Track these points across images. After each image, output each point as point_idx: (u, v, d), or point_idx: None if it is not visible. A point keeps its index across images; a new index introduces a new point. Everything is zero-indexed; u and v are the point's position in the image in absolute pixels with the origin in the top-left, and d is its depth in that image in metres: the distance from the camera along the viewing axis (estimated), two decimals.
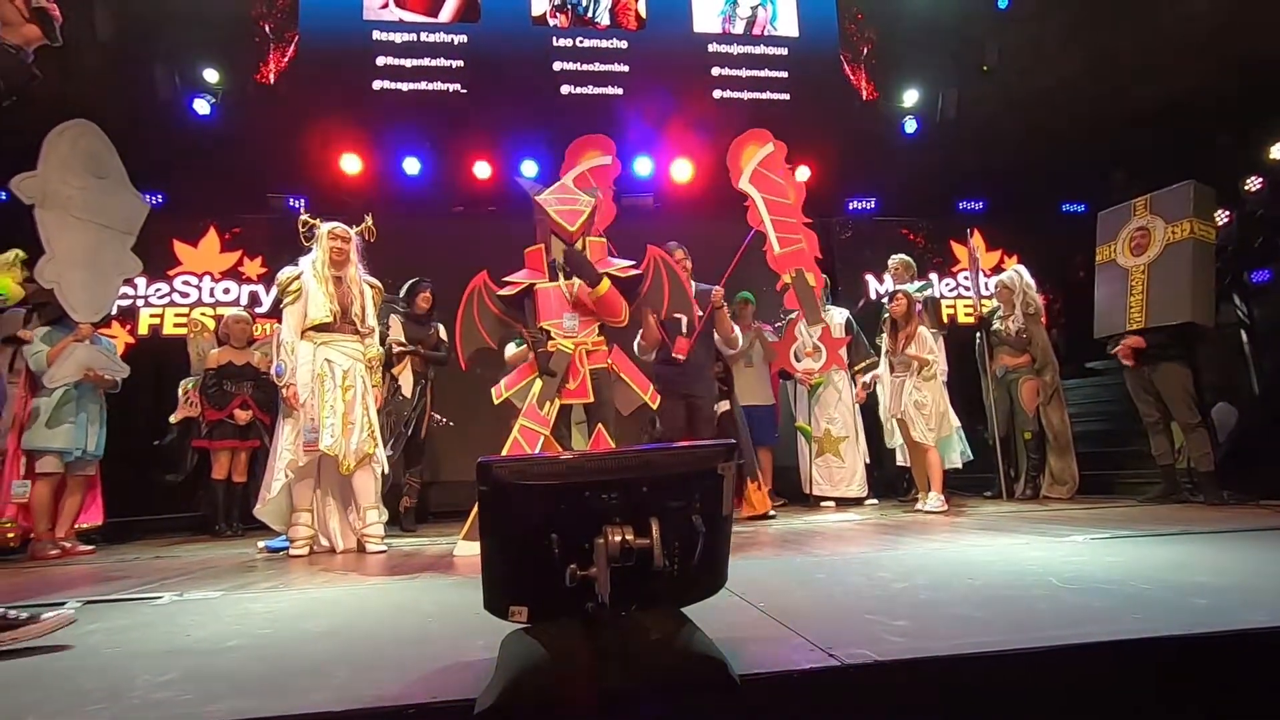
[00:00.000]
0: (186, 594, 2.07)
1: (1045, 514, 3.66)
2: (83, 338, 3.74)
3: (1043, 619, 1.31)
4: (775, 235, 4.20)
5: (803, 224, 4.37)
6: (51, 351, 3.70)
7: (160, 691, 1.07)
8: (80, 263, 3.58)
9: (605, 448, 3.18)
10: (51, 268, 3.47)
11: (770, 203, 4.21)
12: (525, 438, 3.16)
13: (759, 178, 4.30)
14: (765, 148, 4.38)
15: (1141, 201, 4.48)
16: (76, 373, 3.72)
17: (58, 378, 3.65)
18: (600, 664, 0.98)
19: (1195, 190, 4.23)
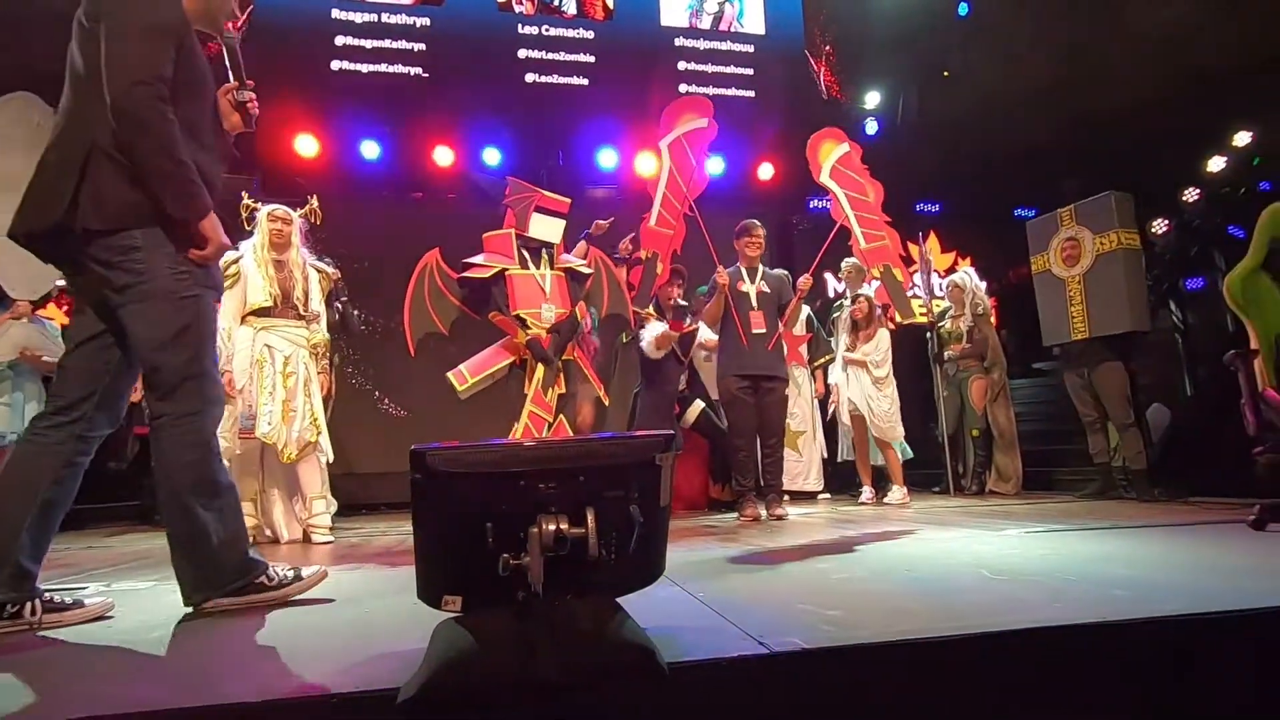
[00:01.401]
0: (114, 584, 2.00)
1: (987, 509, 3.78)
2: (19, 316, 3.58)
3: (970, 609, 1.35)
4: (860, 230, 4.22)
5: (885, 222, 4.38)
6: None
7: (73, 685, 1.03)
8: None
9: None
10: None
11: (853, 200, 4.24)
12: (534, 423, 3.17)
13: (838, 174, 4.30)
14: (842, 146, 4.39)
15: (1066, 212, 4.70)
16: (11, 352, 3.56)
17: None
18: (527, 653, 0.98)
19: (1116, 200, 4.46)
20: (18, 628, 1.42)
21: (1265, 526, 2.45)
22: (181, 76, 1.53)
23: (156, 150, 1.46)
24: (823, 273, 6.99)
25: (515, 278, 3.36)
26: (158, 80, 1.46)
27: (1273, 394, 2.40)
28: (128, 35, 1.47)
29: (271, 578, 1.66)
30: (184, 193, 1.49)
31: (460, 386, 3.31)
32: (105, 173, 1.47)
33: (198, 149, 1.56)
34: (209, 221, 1.54)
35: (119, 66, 1.44)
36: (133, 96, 1.44)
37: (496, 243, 3.49)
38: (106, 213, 1.47)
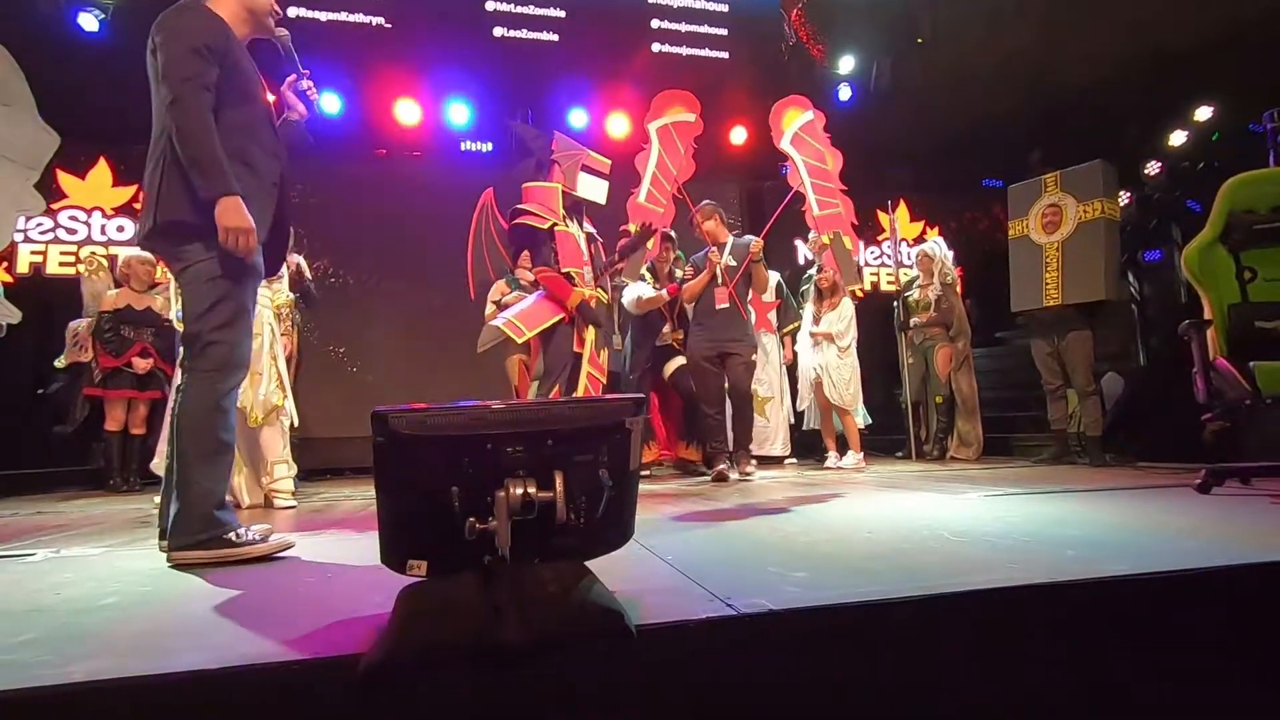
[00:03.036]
0: (63, 550, 1.94)
1: (948, 474, 3.88)
2: None
3: (930, 570, 1.38)
4: (815, 197, 4.30)
5: (840, 190, 4.46)
6: None
7: (14, 653, 0.99)
8: None
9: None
10: None
11: (811, 167, 4.35)
12: (592, 384, 3.19)
13: (799, 141, 4.40)
14: (805, 114, 4.48)
15: (1052, 178, 4.69)
16: None
17: None
18: (493, 616, 0.97)
19: (1104, 169, 4.47)
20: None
21: (1210, 490, 2.56)
22: (228, 86, 1.81)
23: (196, 141, 1.72)
24: (793, 239, 7.01)
25: (562, 234, 3.32)
26: (197, 90, 1.74)
27: (1223, 363, 2.48)
28: (175, 53, 1.76)
29: (239, 536, 1.74)
30: (212, 180, 1.72)
31: (518, 338, 3.26)
32: (170, 176, 1.76)
33: (250, 146, 1.85)
34: (224, 205, 1.72)
35: (169, 76, 1.74)
36: (178, 98, 1.72)
37: (541, 195, 3.41)
38: (167, 210, 1.76)
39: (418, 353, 5.92)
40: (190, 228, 1.76)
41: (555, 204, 3.43)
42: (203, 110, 1.74)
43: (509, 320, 3.29)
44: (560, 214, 3.42)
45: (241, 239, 1.74)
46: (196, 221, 1.75)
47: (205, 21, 1.83)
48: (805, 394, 4.95)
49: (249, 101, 1.88)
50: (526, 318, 3.32)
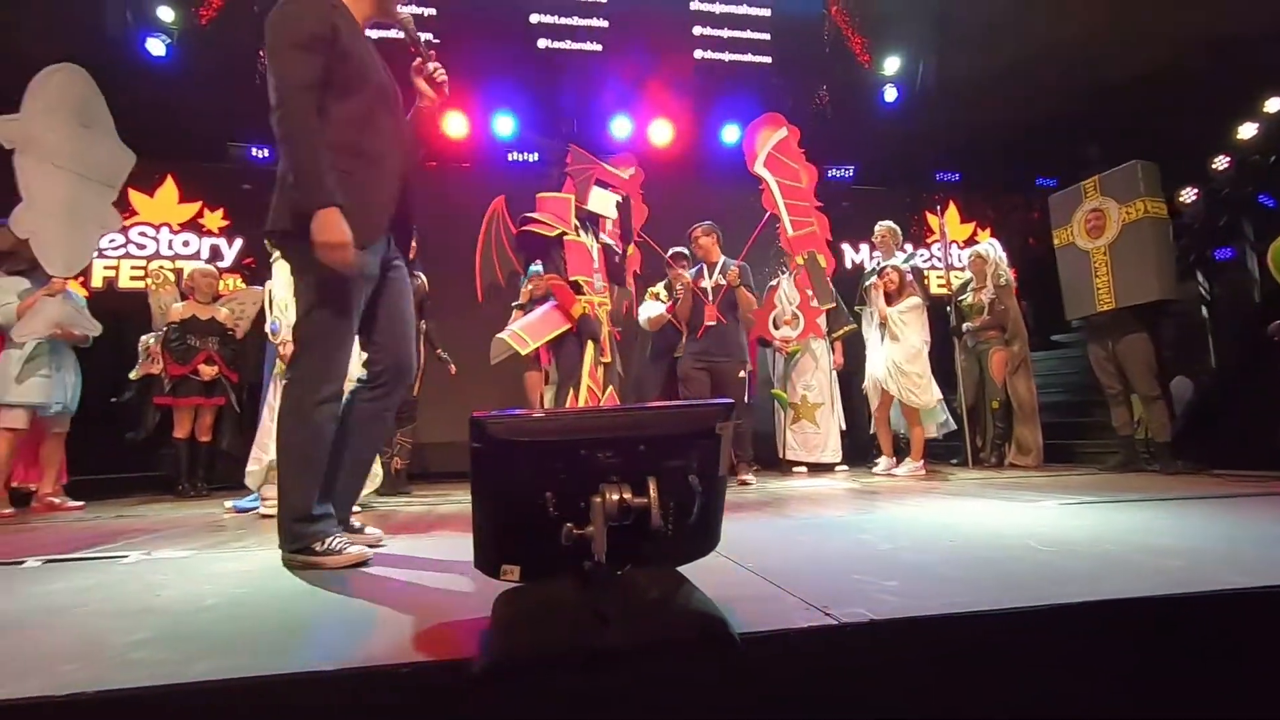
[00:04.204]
0: (154, 553, 2.01)
1: (1012, 481, 3.76)
2: (55, 292, 3.57)
3: (1026, 580, 1.34)
4: (789, 219, 4.36)
5: (814, 208, 4.51)
6: (21, 305, 3.52)
7: (136, 651, 1.02)
8: (58, 214, 3.43)
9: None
10: (29, 217, 3.30)
11: (784, 186, 4.40)
12: (591, 397, 3.25)
13: (773, 162, 4.46)
14: (779, 132, 4.55)
15: (1091, 183, 4.62)
16: (47, 328, 3.55)
17: (26, 332, 3.49)
18: (599, 622, 0.97)
19: (1143, 169, 4.38)
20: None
21: None
22: (336, 77, 1.73)
23: (294, 151, 1.68)
24: (839, 244, 6.92)
25: (571, 243, 3.36)
26: (301, 90, 1.67)
27: None
28: (277, 54, 1.69)
29: (322, 545, 1.71)
30: (310, 192, 1.66)
31: (523, 350, 3.32)
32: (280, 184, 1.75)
33: (365, 137, 1.77)
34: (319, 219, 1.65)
35: (273, 83, 1.68)
36: (278, 102, 1.66)
37: (553, 205, 3.47)
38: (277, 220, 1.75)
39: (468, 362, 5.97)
40: (295, 236, 1.71)
41: (567, 214, 3.47)
42: (304, 114, 1.66)
43: (514, 332, 3.36)
44: (572, 224, 3.45)
45: (335, 254, 1.66)
46: (295, 230, 1.70)
47: (308, 8, 1.72)
48: (873, 396, 4.84)
49: (362, 89, 1.78)
50: (531, 329, 3.38)
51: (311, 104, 1.68)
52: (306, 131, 1.66)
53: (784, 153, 4.44)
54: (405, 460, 4.62)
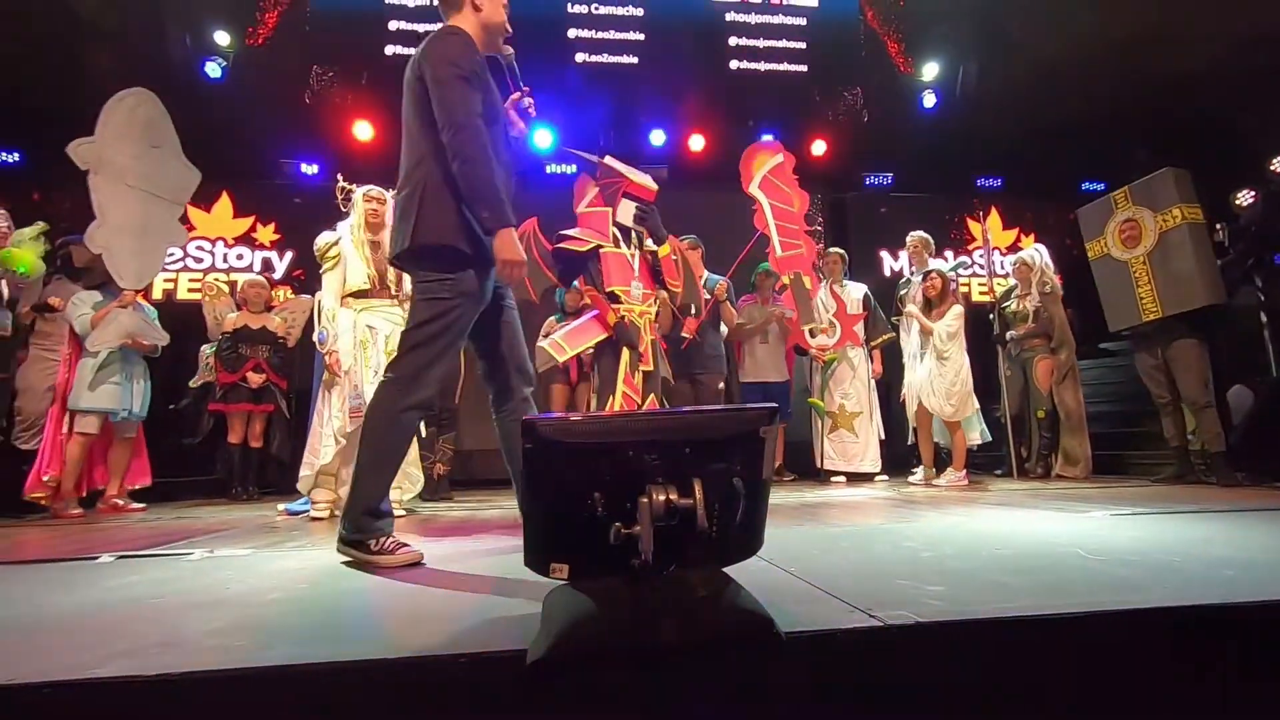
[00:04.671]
0: (216, 551, 2.11)
1: (1060, 491, 3.68)
2: (126, 304, 3.77)
3: (1076, 586, 1.32)
4: (779, 240, 4.47)
5: (804, 231, 4.65)
6: (95, 315, 3.72)
7: (213, 639, 1.09)
8: (130, 230, 3.62)
9: None
10: (102, 234, 3.50)
11: (776, 209, 4.54)
12: (626, 403, 3.31)
13: (768, 184, 4.60)
14: (775, 158, 4.71)
15: (1121, 194, 4.57)
16: (118, 338, 3.75)
17: (99, 342, 3.69)
18: (648, 618, 1.00)
19: (1175, 176, 4.32)
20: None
21: None
22: (483, 108, 1.84)
23: (475, 174, 1.76)
24: (878, 251, 6.86)
25: (608, 255, 3.44)
26: (476, 117, 1.78)
27: None
28: (448, 83, 1.79)
29: (376, 544, 1.78)
30: (496, 211, 1.77)
31: (560, 356, 3.39)
32: (431, 201, 1.82)
33: (497, 164, 1.84)
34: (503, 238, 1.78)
35: (445, 104, 1.77)
36: (460, 127, 1.76)
37: (592, 219, 3.56)
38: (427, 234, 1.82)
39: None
40: (445, 251, 1.81)
41: (605, 226, 3.54)
42: (482, 140, 1.77)
43: (554, 340, 3.44)
44: (610, 235, 3.51)
45: (516, 271, 1.79)
46: (452, 246, 1.80)
47: (468, 46, 1.85)
48: (913, 406, 4.77)
49: (495, 121, 1.92)
50: (570, 337, 3.46)
51: (484, 131, 1.79)
52: (486, 155, 1.77)
53: (779, 177, 4.56)
54: (447, 466, 4.70)
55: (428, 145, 1.83)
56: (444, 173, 1.80)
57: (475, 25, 1.94)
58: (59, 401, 3.80)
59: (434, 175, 1.82)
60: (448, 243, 1.81)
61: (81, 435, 3.74)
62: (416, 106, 1.85)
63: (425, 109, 1.82)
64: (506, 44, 2.07)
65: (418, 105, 1.85)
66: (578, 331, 3.48)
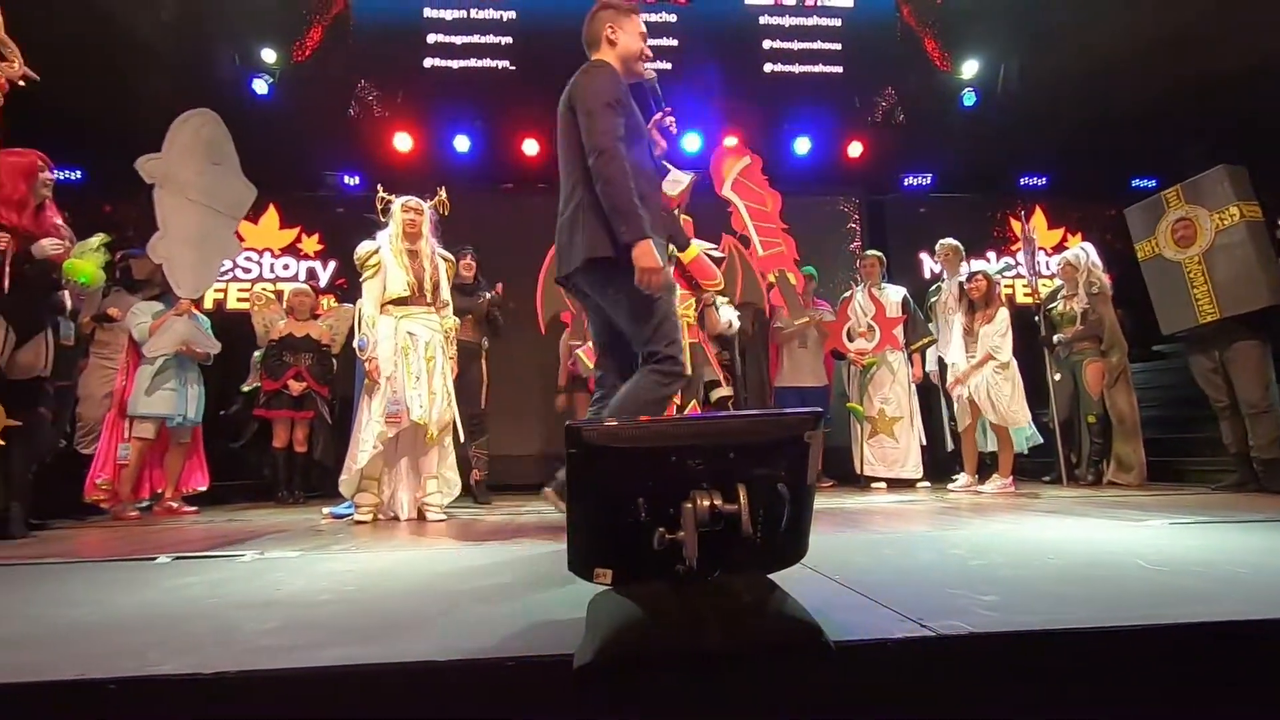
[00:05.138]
0: (267, 553, 2.16)
1: (1113, 499, 3.55)
2: (183, 312, 3.92)
3: (1139, 598, 1.27)
4: (759, 239, 4.55)
5: (781, 230, 4.64)
6: (153, 324, 3.88)
7: (267, 638, 1.12)
8: (189, 242, 3.80)
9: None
10: (163, 245, 3.66)
11: (752, 209, 4.61)
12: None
13: (740, 186, 4.69)
14: (744, 160, 4.76)
15: (1173, 193, 4.40)
16: (174, 345, 3.90)
17: (156, 348, 3.84)
18: (694, 625, 0.99)
19: (1230, 174, 4.15)
20: None
21: None
22: (626, 132, 2.03)
23: (617, 193, 1.96)
24: (917, 253, 6.74)
25: None
26: (617, 143, 1.98)
27: None
28: (595, 112, 2.00)
29: None
30: (633, 226, 1.95)
31: (590, 362, 3.43)
32: (591, 220, 2.01)
33: (641, 181, 2.03)
34: (641, 249, 1.95)
35: (593, 132, 1.98)
36: (603, 150, 1.96)
37: None
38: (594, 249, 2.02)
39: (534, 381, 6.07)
40: (617, 262, 1.99)
41: None
42: (624, 162, 1.96)
43: (588, 347, 3.46)
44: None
45: (655, 279, 1.94)
46: (618, 256, 1.98)
47: (612, 77, 2.07)
48: (962, 414, 4.63)
49: (639, 143, 2.10)
50: None
51: (625, 154, 1.99)
52: (625, 177, 1.96)
53: (749, 178, 4.59)
54: (484, 472, 4.75)
55: (580, 172, 2.04)
56: (594, 194, 2.01)
57: (615, 57, 2.16)
58: (116, 408, 3.96)
59: (588, 198, 2.02)
60: (609, 254, 2.00)
61: (139, 440, 3.88)
62: (568, 136, 2.07)
63: (577, 138, 2.04)
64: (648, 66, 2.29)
65: (570, 135, 2.07)
66: None
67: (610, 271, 2.01)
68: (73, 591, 1.63)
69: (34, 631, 1.23)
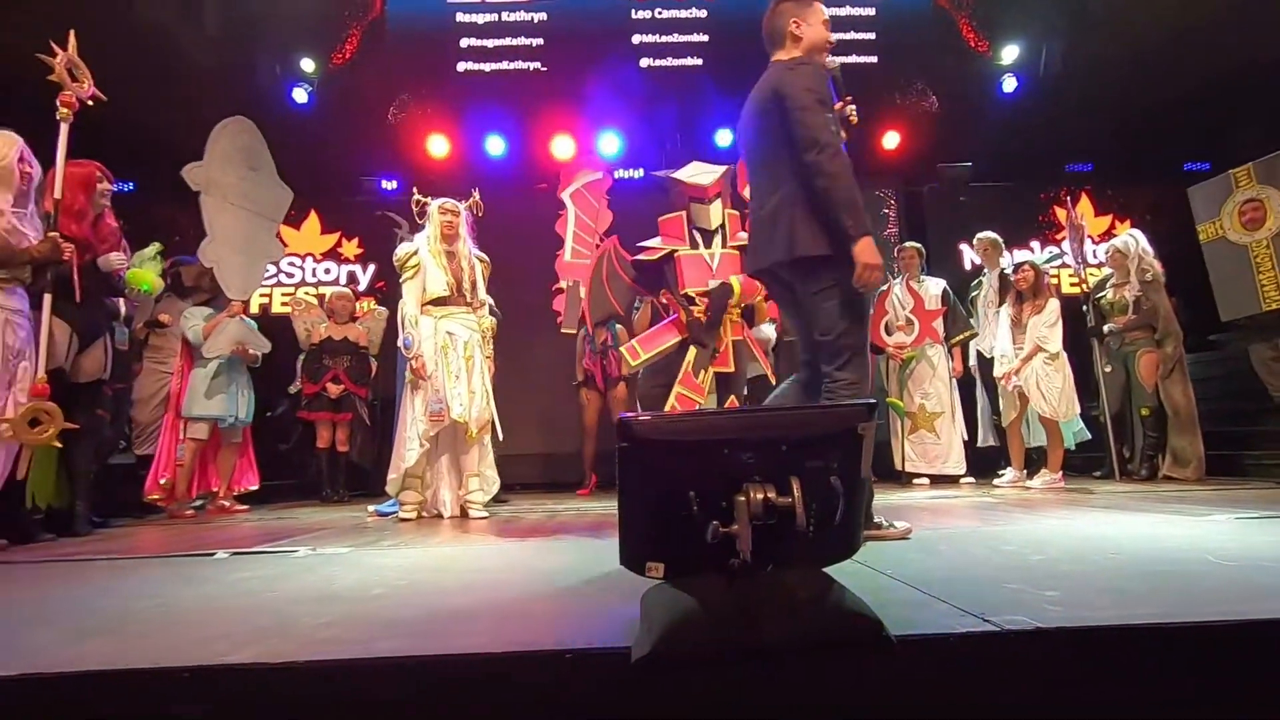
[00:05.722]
0: (318, 549, 2.21)
1: (1171, 494, 3.42)
2: (234, 314, 4.04)
3: (1210, 594, 1.22)
4: (571, 245, 4.48)
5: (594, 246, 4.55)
6: (207, 326, 4.01)
7: (326, 630, 1.14)
8: (235, 245, 3.91)
9: None
10: (212, 249, 3.79)
11: (579, 220, 4.54)
12: (682, 404, 3.28)
13: (579, 196, 4.70)
14: (595, 175, 4.79)
15: (1243, 172, 4.20)
16: (228, 346, 4.02)
17: (213, 349, 3.97)
18: (750, 618, 0.98)
19: None
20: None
21: None
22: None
23: (842, 189, 1.95)
24: (958, 244, 6.58)
25: (684, 258, 3.49)
26: (837, 138, 1.99)
27: None
28: (810, 109, 1.98)
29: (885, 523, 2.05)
30: (859, 221, 1.96)
31: (633, 361, 3.44)
32: (802, 217, 2.01)
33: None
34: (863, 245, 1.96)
35: (809, 127, 1.96)
36: (825, 145, 1.95)
37: (670, 225, 3.66)
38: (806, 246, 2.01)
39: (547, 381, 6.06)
40: (828, 260, 2.00)
41: (681, 231, 3.56)
42: (845, 157, 1.97)
43: (630, 345, 3.46)
44: (687, 239, 3.51)
45: (875, 276, 1.95)
46: (832, 254, 1.99)
47: (818, 74, 2.07)
48: (1009, 408, 4.50)
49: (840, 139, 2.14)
50: (645, 341, 3.50)
51: (843, 149, 2.00)
52: (848, 171, 1.97)
53: (591, 192, 4.63)
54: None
55: (786, 168, 2.03)
56: (806, 190, 1.99)
57: (802, 49, 2.12)
58: (172, 410, 4.09)
59: (798, 194, 2.00)
60: (825, 252, 2.00)
61: (193, 441, 4.01)
62: (770, 134, 2.06)
63: (779, 135, 2.03)
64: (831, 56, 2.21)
65: (771, 133, 2.05)
66: (652, 336, 3.50)
67: (821, 268, 2.02)
68: (139, 585, 1.69)
69: (106, 624, 1.28)
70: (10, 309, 2.60)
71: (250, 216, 3.98)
